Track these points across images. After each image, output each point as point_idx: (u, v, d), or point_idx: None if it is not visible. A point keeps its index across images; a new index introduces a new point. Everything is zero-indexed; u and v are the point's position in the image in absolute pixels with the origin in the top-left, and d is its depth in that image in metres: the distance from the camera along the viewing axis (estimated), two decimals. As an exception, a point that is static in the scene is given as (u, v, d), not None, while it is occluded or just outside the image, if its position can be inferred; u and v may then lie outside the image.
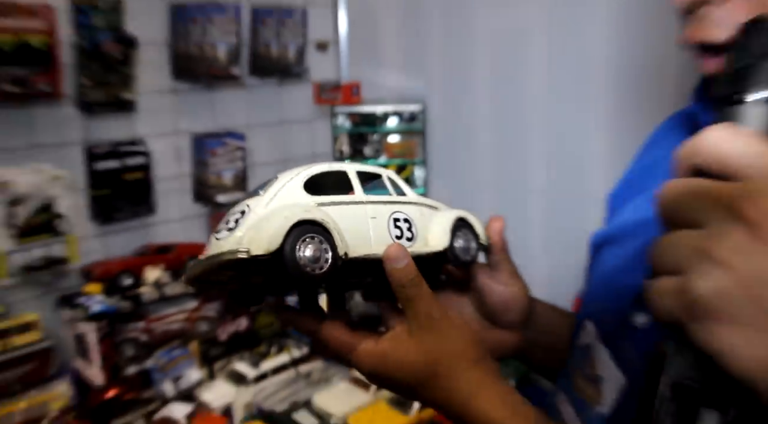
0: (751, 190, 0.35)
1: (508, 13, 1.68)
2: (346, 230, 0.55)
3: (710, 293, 0.35)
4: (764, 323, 0.35)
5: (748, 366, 0.35)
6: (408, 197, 0.62)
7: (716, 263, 0.35)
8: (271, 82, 1.86)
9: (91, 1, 1.41)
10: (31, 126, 1.41)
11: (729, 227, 0.35)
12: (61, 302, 1.46)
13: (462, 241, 0.64)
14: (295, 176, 0.56)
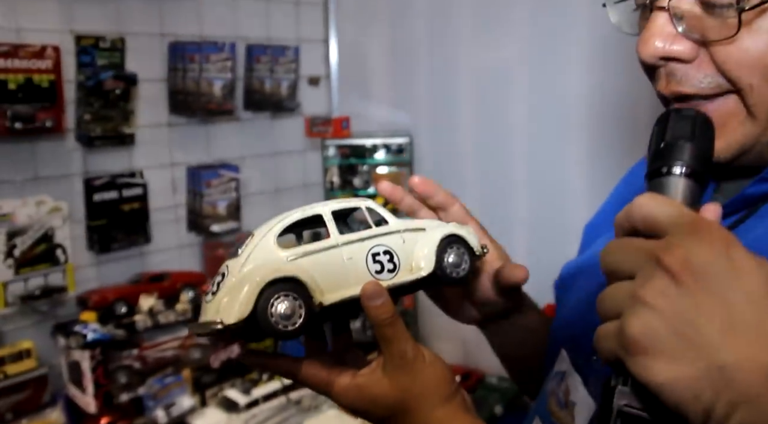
0: (670, 244, 0.42)
1: (490, 52, 1.77)
2: (322, 276, 0.57)
3: (640, 331, 0.42)
4: (687, 356, 0.41)
5: (677, 394, 0.41)
6: (389, 226, 0.62)
7: (644, 305, 0.42)
8: (265, 116, 1.93)
9: (95, 42, 1.48)
10: (34, 159, 1.46)
11: (654, 275, 0.42)
12: (56, 329, 1.50)
13: (453, 257, 0.64)
14: (268, 232, 0.58)
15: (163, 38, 1.67)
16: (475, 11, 1.78)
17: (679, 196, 0.51)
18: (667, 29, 0.57)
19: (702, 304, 0.41)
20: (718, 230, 0.43)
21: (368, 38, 2.04)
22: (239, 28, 1.83)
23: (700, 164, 0.52)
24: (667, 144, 0.53)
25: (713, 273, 0.41)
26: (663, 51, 0.58)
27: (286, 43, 1.94)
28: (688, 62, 0.58)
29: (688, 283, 0.41)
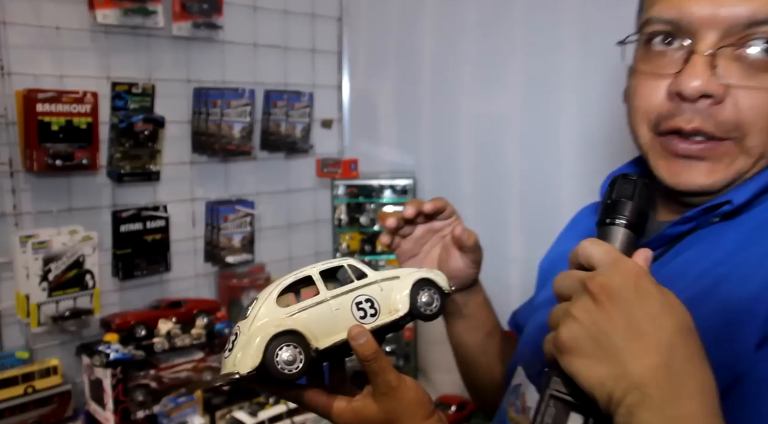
0: (595, 274, 0.56)
1: (488, 101, 1.90)
2: (316, 326, 0.69)
3: (567, 337, 0.56)
4: (599, 355, 0.54)
5: (590, 383, 0.55)
6: (368, 278, 0.74)
7: (572, 318, 0.56)
8: (279, 156, 2.07)
9: (128, 88, 1.64)
10: (69, 192, 1.61)
11: (581, 296, 0.56)
12: (81, 349, 1.61)
13: (426, 297, 0.75)
14: (269, 295, 0.70)
15: (189, 84, 1.82)
16: (475, 63, 1.92)
17: (618, 242, 0.65)
18: (708, 72, 0.68)
19: (612, 318, 0.54)
20: (631, 265, 0.57)
21: (378, 85, 2.18)
22: (259, 75, 1.98)
23: (636, 218, 0.66)
24: (613, 201, 0.67)
25: (623, 296, 0.55)
26: (703, 88, 0.67)
27: (302, 88, 2.09)
28: (717, 103, 0.68)
29: (603, 303, 0.55)
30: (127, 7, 1.59)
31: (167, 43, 1.76)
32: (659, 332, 0.54)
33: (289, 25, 2.06)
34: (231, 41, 1.89)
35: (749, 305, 0.62)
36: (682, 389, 0.53)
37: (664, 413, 0.52)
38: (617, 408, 0.54)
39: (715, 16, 0.67)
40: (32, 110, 1.47)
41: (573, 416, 0.58)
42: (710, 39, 0.68)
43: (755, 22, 0.66)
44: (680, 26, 0.69)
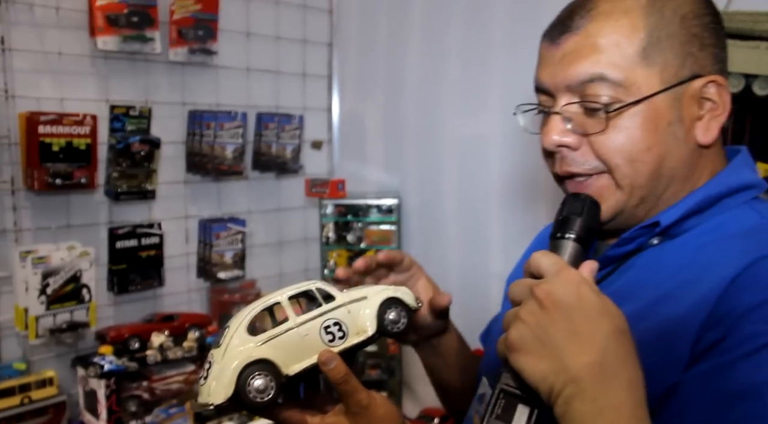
0: (541, 282, 0.65)
1: (471, 123, 1.99)
2: (286, 353, 0.71)
3: (515, 337, 0.64)
4: (542, 353, 0.62)
5: (534, 378, 0.62)
6: (335, 301, 0.76)
7: (520, 321, 0.64)
8: (270, 176, 2.14)
9: (126, 111, 1.72)
10: (67, 210, 1.68)
11: (528, 301, 0.64)
12: (76, 361, 1.67)
13: (393, 315, 0.79)
14: (239, 324, 0.72)
15: (184, 107, 1.89)
16: (458, 87, 2.01)
17: (566, 254, 0.73)
18: (560, 127, 0.80)
19: (555, 320, 0.63)
20: (574, 274, 0.65)
21: (366, 108, 2.27)
22: (252, 98, 2.06)
23: (585, 233, 0.74)
24: (563, 217, 0.76)
25: (565, 301, 0.63)
26: (558, 141, 0.80)
27: (293, 111, 2.17)
28: (575, 150, 0.80)
29: (548, 307, 0.63)
30: (126, 34, 1.68)
31: (164, 68, 1.84)
32: (595, 333, 0.62)
33: (280, 50, 2.15)
34: (225, 66, 1.98)
35: (683, 322, 0.69)
36: (612, 383, 0.61)
37: (595, 403, 0.60)
38: (557, 399, 0.62)
39: (554, 80, 0.80)
40: (34, 132, 1.54)
41: (520, 407, 0.66)
42: (562, 100, 0.80)
43: (583, 80, 0.78)
44: (540, 91, 0.84)
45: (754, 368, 0.63)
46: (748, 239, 0.73)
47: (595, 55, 0.77)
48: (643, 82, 0.76)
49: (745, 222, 0.76)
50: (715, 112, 0.79)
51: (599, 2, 0.79)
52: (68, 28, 1.65)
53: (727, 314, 0.66)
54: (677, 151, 0.78)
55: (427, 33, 2.09)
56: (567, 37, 0.79)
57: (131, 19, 1.68)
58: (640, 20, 0.77)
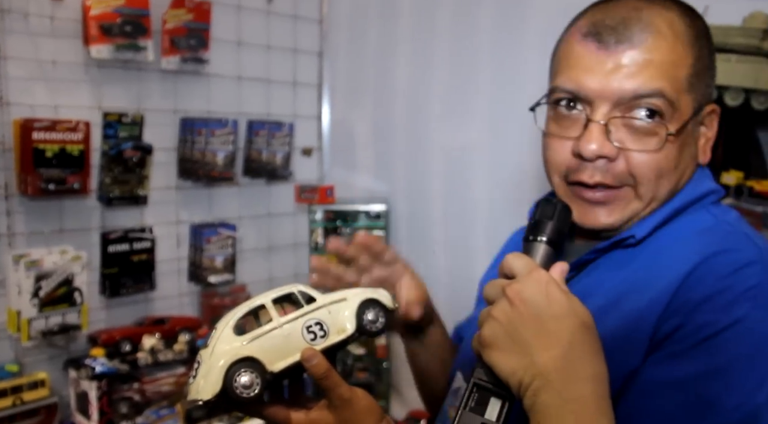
0: (513, 282, 0.69)
1: (458, 131, 2.03)
2: (270, 351, 0.75)
3: (487, 334, 0.68)
4: (512, 349, 0.66)
5: (505, 372, 0.66)
6: (317, 302, 0.80)
7: (492, 318, 0.68)
8: (261, 182, 2.17)
9: (118, 118, 1.76)
10: (60, 215, 1.70)
11: (501, 300, 0.68)
12: (68, 363, 1.70)
13: (371, 315, 0.82)
14: (226, 326, 0.76)
15: (176, 114, 1.93)
16: (446, 96, 2.06)
17: (538, 256, 0.77)
18: (602, 137, 0.81)
19: (524, 318, 0.67)
20: (543, 274, 0.70)
21: (355, 116, 2.31)
22: (243, 106, 2.10)
23: (556, 236, 0.78)
24: (536, 221, 0.80)
25: (534, 300, 0.67)
26: (599, 152, 0.81)
27: (283, 119, 2.21)
28: (612, 161, 0.82)
29: (518, 305, 0.67)
30: (120, 43, 1.71)
31: (156, 76, 1.88)
32: (562, 330, 0.66)
33: (271, 59, 2.19)
34: (216, 74, 2.02)
35: (643, 314, 0.74)
36: (577, 377, 0.65)
37: (561, 396, 0.64)
38: (525, 392, 0.66)
39: (604, 90, 0.80)
40: (28, 138, 1.58)
41: (493, 400, 0.70)
42: (603, 109, 0.81)
43: (639, 95, 0.80)
44: (578, 96, 0.83)
45: (708, 353, 0.69)
46: (701, 238, 0.78)
47: (656, 73, 0.79)
48: (685, 107, 0.81)
49: (700, 223, 0.82)
50: (708, 136, 0.87)
51: (654, 19, 0.81)
52: (62, 36, 1.68)
53: (682, 306, 0.71)
54: (689, 169, 0.86)
55: (416, 42, 2.14)
56: (625, 47, 0.79)
57: (124, 29, 1.71)
58: (690, 48, 0.81)
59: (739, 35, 1.28)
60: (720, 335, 0.69)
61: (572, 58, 0.83)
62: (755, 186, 1.31)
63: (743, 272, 0.72)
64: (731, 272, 0.72)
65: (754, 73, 1.26)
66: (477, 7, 1.97)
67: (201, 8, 1.90)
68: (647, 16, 0.81)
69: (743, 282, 0.71)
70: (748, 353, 0.69)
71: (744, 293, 0.70)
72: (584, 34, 0.83)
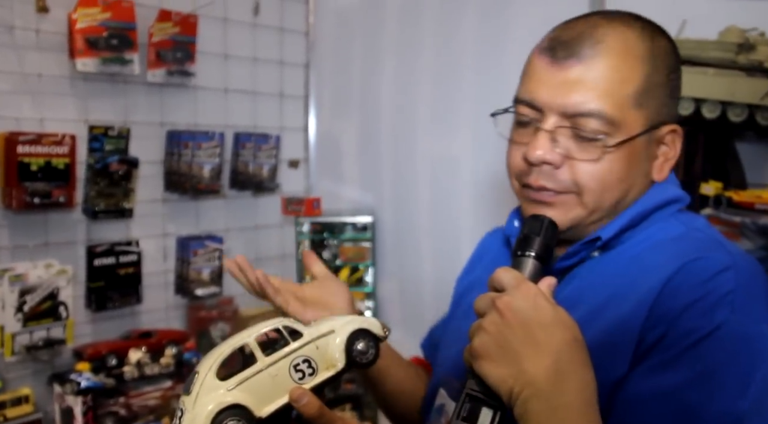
0: (502, 295, 0.70)
1: (443, 142, 2.06)
2: (257, 395, 0.71)
3: (478, 345, 0.69)
4: (503, 359, 0.68)
5: (496, 382, 0.68)
6: (303, 338, 0.76)
7: (483, 330, 0.70)
8: (247, 195, 2.17)
9: (104, 131, 1.76)
10: (45, 228, 1.70)
11: (491, 312, 0.70)
12: (52, 378, 1.67)
13: (361, 345, 0.78)
14: (209, 370, 0.72)
15: (162, 127, 1.93)
16: (431, 108, 2.08)
17: (527, 270, 0.78)
18: (548, 144, 0.85)
19: (514, 329, 0.68)
20: (532, 287, 0.71)
21: (342, 128, 2.33)
22: (229, 118, 2.10)
23: (543, 251, 0.80)
24: (524, 236, 0.81)
25: (523, 312, 0.69)
26: (543, 157, 0.85)
27: (270, 131, 2.22)
28: (556, 168, 0.85)
29: (508, 317, 0.69)
30: (106, 56, 1.71)
31: (142, 89, 1.88)
32: (550, 340, 0.68)
33: (258, 71, 2.20)
34: (203, 87, 2.02)
35: (625, 323, 0.76)
36: (565, 385, 0.67)
37: (549, 403, 0.66)
38: (516, 401, 0.68)
39: (552, 102, 0.85)
40: (13, 151, 1.57)
41: (484, 410, 0.71)
42: (552, 119, 0.85)
43: (579, 113, 0.83)
44: (533, 106, 0.87)
45: (691, 362, 0.71)
46: (675, 245, 0.81)
47: (597, 91, 0.82)
48: (632, 123, 0.84)
49: (672, 231, 0.85)
50: (668, 155, 0.89)
51: (607, 36, 0.84)
52: (48, 50, 1.68)
53: (665, 315, 0.74)
54: (638, 184, 0.88)
55: (401, 54, 2.16)
56: (572, 62, 0.83)
57: (111, 42, 1.72)
58: (640, 65, 0.84)
59: (715, 49, 1.31)
60: (702, 343, 0.71)
61: (530, 71, 0.89)
62: (734, 196, 1.33)
63: (719, 277, 0.74)
64: (708, 279, 0.74)
65: (730, 86, 1.29)
66: (461, 18, 2.00)
67: (187, 21, 1.91)
68: (601, 33, 0.84)
69: (720, 288, 0.73)
70: (730, 359, 0.71)
71: (722, 299, 0.72)
72: (542, 50, 0.88)
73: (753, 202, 1.29)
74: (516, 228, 0.98)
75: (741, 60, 1.29)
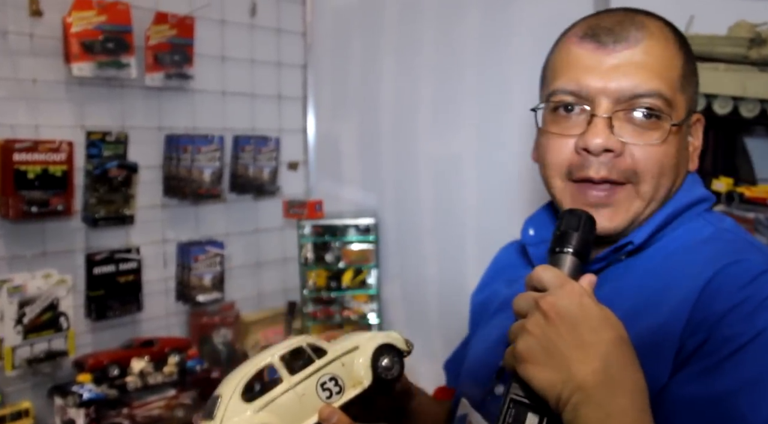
0: (545, 295, 0.68)
1: (445, 141, 2.03)
2: (285, 416, 0.69)
3: (523, 348, 0.67)
4: (549, 363, 0.66)
5: (542, 386, 0.66)
6: (328, 356, 0.74)
7: (527, 333, 0.67)
8: (248, 198, 2.15)
9: (102, 136, 1.72)
10: (43, 237, 1.66)
11: (534, 314, 0.67)
12: (53, 390, 1.64)
13: (386, 361, 0.77)
14: (233, 393, 0.69)
15: (161, 131, 1.90)
16: (432, 107, 2.06)
17: (566, 267, 0.75)
18: (607, 131, 0.82)
19: (560, 331, 0.66)
20: (576, 286, 0.69)
21: (341, 129, 2.30)
22: (228, 121, 2.07)
23: (582, 247, 0.77)
24: (562, 232, 0.78)
25: (569, 313, 0.66)
26: (605, 145, 0.81)
27: (269, 133, 2.19)
28: (617, 156, 0.82)
29: (553, 319, 0.66)
30: (102, 60, 1.68)
31: (140, 93, 1.84)
32: (599, 342, 0.65)
33: (256, 73, 2.17)
34: (201, 90, 1.99)
35: (663, 331, 0.74)
36: (617, 389, 0.64)
37: (602, 409, 0.63)
38: (565, 407, 0.65)
39: (606, 88, 0.82)
40: (9, 159, 1.53)
41: (530, 416, 0.69)
42: (605, 105, 0.82)
43: (637, 94, 0.81)
44: (580, 95, 0.84)
45: (738, 366, 0.69)
46: (708, 247, 0.79)
47: (653, 72, 0.81)
48: (680, 107, 0.84)
49: (701, 232, 0.83)
50: (695, 145, 0.89)
51: (647, 23, 0.84)
52: (43, 55, 1.65)
53: (705, 320, 0.71)
54: (682, 173, 0.87)
55: (400, 52, 2.13)
56: (622, 47, 0.82)
57: (107, 46, 1.68)
58: (678, 52, 0.85)
59: (726, 44, 1.29)
60: (745, 348, 0.69)
61: (570, 61, 0.85)
62: (746, 192, 1.32)
63: (758, 281, 0.72)
64: (747, 283, 0.72)
65: (741, 81, 1.28)
66: (462, 16, 1.97)
67: (184, 23, 1.88)
68: (640, 20, 0.85)
69: (760, 292, 0.71)
70: None
71: (763, 303, 0.70)
72: (581, 37, 0.85)
73: (765, 198, 1.28)
74: (531, 236, 0.95)
75: (753, 55, 1.27)
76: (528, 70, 1.89)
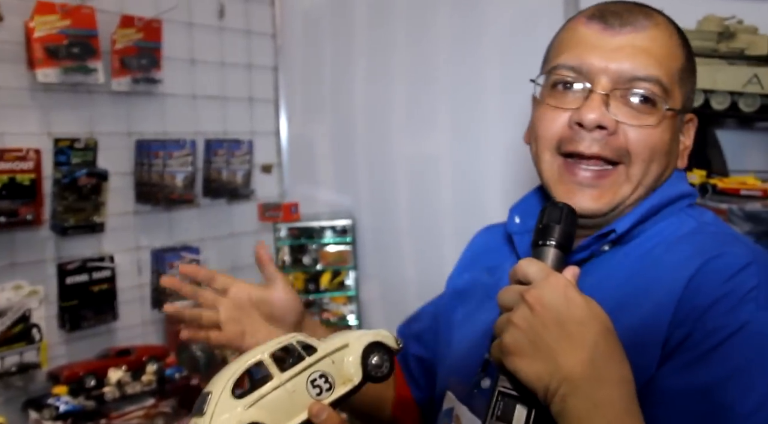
0: (531, 288, 0.68)
1: (419, 141, 2.04)
2: (275, 412, 0.69)
3: (509, 341, 0.67)
4: (536, 355, 0.66)
5: (530, 379, 0.66)
6: (317, 353, 0.74)
7: (513, 325, 0.67)
8: (222, 202, 2.12)
9: (70, 143, 1.68)
10: (13, 248, 1.62)
11: (520, 307, 0.67)
12: (27, 404, 1.60)
13: (376, 359, 0.77)
14: (223, 390, 0.70)
15: (131, 137, 1.86)
16: (405, 107, 2.06)
17: (549, 260, 0.76)
18: (602, 108, 0.82)
19: (546, 324, 0.66)
20: (560, 279, 0.69)
21: (315, 130, 2.29)
22: (199, 125, 2.05)
23: (564, 239, 0.77)
24: (544, 225, 0.78)
25: (554, 305, 0.66)
26: (599, 120, 0.82)
27: (241, 136, 2.17)
28: (611, 134, 0.82)
29: (538, 311, 0.67)
30: (67, 65, 1.64)
31: (108, 99, 1.81)
32: (585, 333, 0.66)
33: (226, 76, 2.15)
34: (170, 94, 1.96)
35: (649, 325, 0.74)
36: (604, 380, 0.65)
37: (589, 400, 0.64)
38: (552, 398, 0.65)
39: (607, 67, 0.83)
40: (-26, 169, 1.49)
41: (518, 408, 0.69)
42: (604, 83, 0.83)
43: (636, 77, 0.83)
44: (581, 72, 0.85)
45: (723, 357, 0.70)
46: (691, 241, 0.80)
47: (654, 59, 0.83)
48: (677, 99, 0.85)
49: (684, 226, 0.84)
50: (685, 144, 0.91)
51: (654, 13, 0.87)
52: (4, 60, 1.60)
53: (689, 313, 0.72)
54: (672, 165, 0.88)
55: (372, 53, 2.13)
56: (628, 30, 0.84)
57: (72, 50, 1.64)
58: (681, 47, 0.87)
59: (695, 38, 1.31)
60: (730, 340, 0.70)
61: (576, 39, 0.87)
62: (719, 184, 1.34)
63: (742, 274, 0.73)
64: (731, 276, 0.73)
65: (711, 74, 1.30)
66: (433, 15, 1.98)
67: (151, 26, 1.84)
68: (648, 11, 0.88)
69: (744, 284, 0.72)
70: (759, 355, 0.70)
71: (746, 295, 0.71)
72: (589, 17, 0.87)
73: (738, 189, 1.30)
74: (517, 224, 0.95)
75: (722, 48, 1.29)
76: (500, 69, 1.92)
